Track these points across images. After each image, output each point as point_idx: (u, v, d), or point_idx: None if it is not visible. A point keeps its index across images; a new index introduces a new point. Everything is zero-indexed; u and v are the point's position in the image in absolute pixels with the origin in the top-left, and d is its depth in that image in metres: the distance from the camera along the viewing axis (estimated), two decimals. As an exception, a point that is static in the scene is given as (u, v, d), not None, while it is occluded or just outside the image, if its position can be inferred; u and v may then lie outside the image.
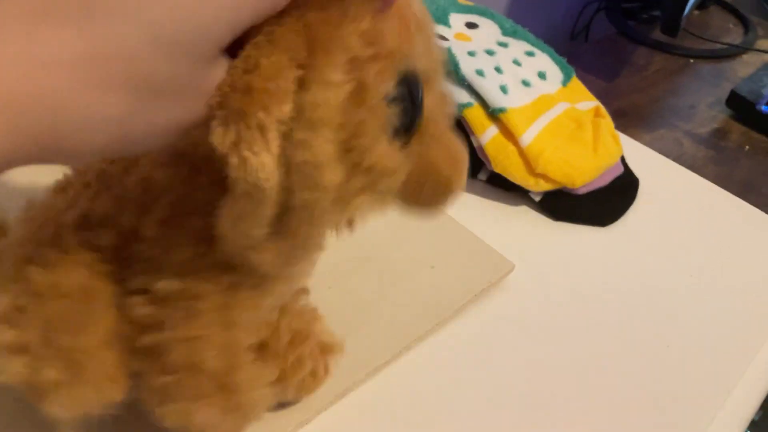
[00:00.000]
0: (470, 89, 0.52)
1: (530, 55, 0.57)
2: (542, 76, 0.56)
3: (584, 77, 0.63)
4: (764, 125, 0.80)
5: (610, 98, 0.81)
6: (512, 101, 0.51)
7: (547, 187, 0.52)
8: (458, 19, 0.59)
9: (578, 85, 0.58)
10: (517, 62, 0.55)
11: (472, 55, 0.54)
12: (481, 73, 0.52)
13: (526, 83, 0.54)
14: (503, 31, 0.59)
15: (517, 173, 0.51)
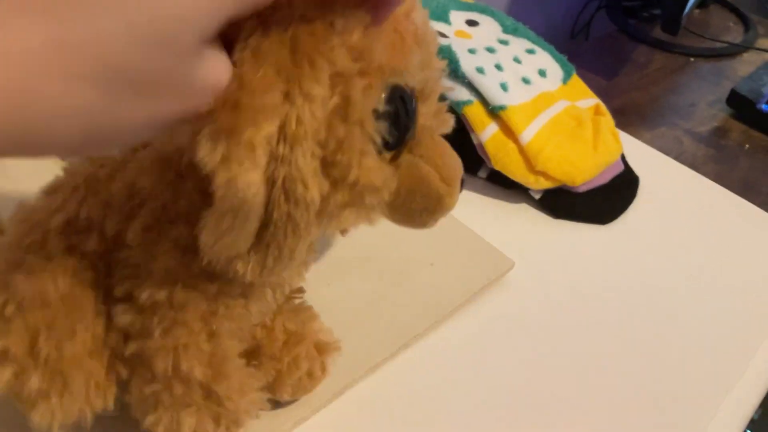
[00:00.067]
0: (470, 87, 0.52)
1: (531, 52, 0.57)
2: (542, 73, 0.55)
3: (584, 75, 0.62)
4: (764, 124, 0.80)
5: (610, 96, 0.81)
6: (512, 99, 0.51)
7: (547, 184, 0.52)
8: (458, 16, 0.59)
9: (578, 82, 0.58)
10: (517, 60, 0.55)
11: (472, 52, 0.54)
12: (481, 70, 0.52)
13: (526, 81, 0.53)
14: (504, 28, 0.59)
15: (517, 171, 0.51)
